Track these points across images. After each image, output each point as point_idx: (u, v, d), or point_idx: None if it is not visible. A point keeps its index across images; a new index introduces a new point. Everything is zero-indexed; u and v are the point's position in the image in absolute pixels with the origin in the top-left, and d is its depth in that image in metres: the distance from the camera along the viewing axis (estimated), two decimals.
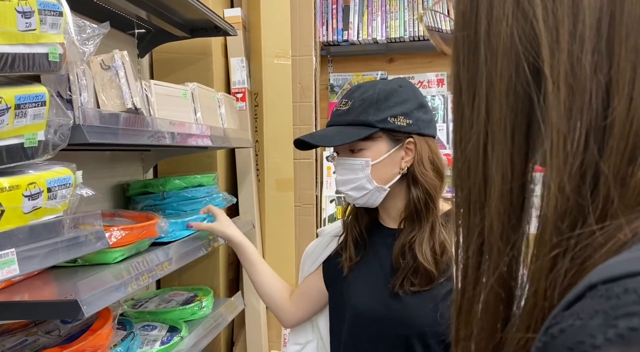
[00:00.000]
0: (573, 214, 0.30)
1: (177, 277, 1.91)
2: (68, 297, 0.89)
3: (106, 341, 1.08)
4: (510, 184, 0.32)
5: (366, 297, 1.08)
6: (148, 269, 1.20)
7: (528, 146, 0.32)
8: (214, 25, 1.75)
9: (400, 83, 1.09)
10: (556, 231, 0.30)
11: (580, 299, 0.25)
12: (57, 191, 0.81)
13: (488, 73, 0.33)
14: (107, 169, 1.59)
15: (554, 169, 0.30)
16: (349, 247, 1.14)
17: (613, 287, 0.24)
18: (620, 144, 0.29)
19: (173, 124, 1.29)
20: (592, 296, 0.25)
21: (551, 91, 0.30)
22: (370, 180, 1.05)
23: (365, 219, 1.15)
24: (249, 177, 2.14)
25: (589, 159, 0.30)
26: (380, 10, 2.61)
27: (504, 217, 0.33)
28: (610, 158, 0.29)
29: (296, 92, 2.30)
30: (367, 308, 1.07)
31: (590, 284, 0.25)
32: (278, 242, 2.18)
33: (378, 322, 1.05)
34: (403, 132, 1.05)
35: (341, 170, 1.08)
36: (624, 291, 0.23)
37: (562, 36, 0.30)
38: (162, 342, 1.36)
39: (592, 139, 0.30)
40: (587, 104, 0.30)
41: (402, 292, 1.02)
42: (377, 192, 1.06)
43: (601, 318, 0.23)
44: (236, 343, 2.18)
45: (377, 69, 2.74)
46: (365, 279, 1.11)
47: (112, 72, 1.07)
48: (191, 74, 1.89)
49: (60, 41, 0.80)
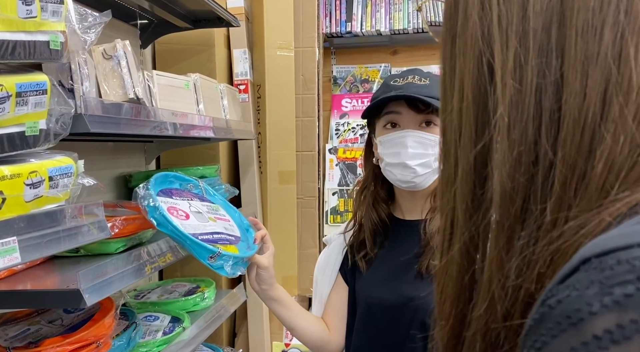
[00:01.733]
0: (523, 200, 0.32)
1: (180, 268, 1.92)
2: (70, 286, 0.89)
3: (108, 331, 1.09)
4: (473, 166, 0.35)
5: (382, 287, 1.08)
6: (150, 260, 1.20)
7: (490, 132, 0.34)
8: (217, 16, 1.74)
9: None
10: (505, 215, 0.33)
11: (575, 273, 0.26)
12: (59, 180, 0.81)
13: (460, 65, 0.36)
14: (109, 160, 1.59)
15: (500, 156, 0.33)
16: (367, 240, 1.11)
17: (606, 259, 0.25)
18: (575, 138, 0.31)
19: (175, 115, 1.29)
20: (586, 269, 0.26)
21: (499, 84, 0.33)
22: (436, 159, 1.04)
23: (385, 209, 1.13)
24: (251, 169, 2.13)
25: (541, 150, 0.32)
26: (383, 2, 2.59)
27: (467, 195, 0.36)
28: (564, 150, 0.31)
29: (299, 84, 2.29)
30: (383, 297, 1.06)
31: (583, 258, 0.26)
32: (280, 234, 2.18)
33: (392, 310, 1.05)
34: None
35: (413, 144, 1.03)
36: (617, 262, 0.24)
37: (510, 36, 0.33)
38: (165, 332, 1.37)
39: (543, 130, 0.32)
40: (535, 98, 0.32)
41: (427, 274, 1.02)
42: (433, 174, 1.05)
43: (597, 287, 0.24)
44: (238, 334, 2.19)
45: (380, 61, 2.72)
46: (380, 271, 1.10)
47: (114, 61, 1.07)
48: (194, 65, 1.89)
49: (61, 29, 0.80)
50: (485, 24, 0.34)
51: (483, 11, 0.35)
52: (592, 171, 0.31)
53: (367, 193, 1.15)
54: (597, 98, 0.31)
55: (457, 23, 0.36)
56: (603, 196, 0.30)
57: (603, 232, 0.29)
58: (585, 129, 0.31)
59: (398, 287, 1.06)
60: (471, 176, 0.35)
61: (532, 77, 0.32)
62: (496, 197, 0.33)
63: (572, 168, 0.31)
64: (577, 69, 0.31)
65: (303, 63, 2.30)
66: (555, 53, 0.32)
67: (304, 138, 2.32)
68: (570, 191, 0.31)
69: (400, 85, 1.05)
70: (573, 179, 0.31)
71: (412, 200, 1.11)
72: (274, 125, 2.18)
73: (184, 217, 1.11)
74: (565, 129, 0.31)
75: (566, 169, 0.31)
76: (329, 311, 1.20)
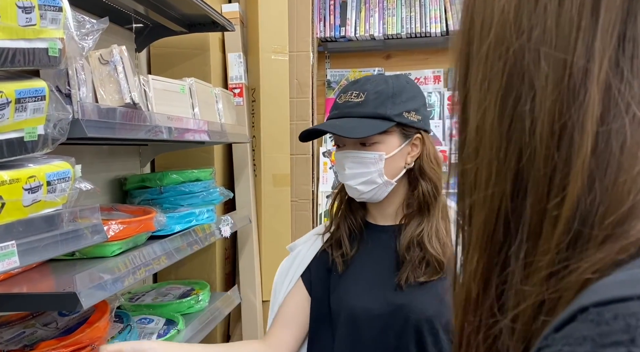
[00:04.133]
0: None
1: (174, 271, 1.93)
2: (67, 290, 0.90)
3: (103, 334, 1.09)
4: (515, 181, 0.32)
5: (365, 296, 1.05)
6: (145, 263, 1.21)
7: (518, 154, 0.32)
8: (212, 20, 1.75)
9: (406, 79, 1.10)
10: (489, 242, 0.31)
11: (572, 321, 0.25)
12: (57, 185, 0.82)
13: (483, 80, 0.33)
14: (105, 164, 1.60)
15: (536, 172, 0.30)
16: (343, 241, 1.11)
17: (603, 312, 0.24)
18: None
19: (171, 119, 1.30)
20: (582, 320, 0.25)
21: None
22: (382, 174, 1.04)
23: (361, 212, 1.13)
24: (246, 172, 2.15)
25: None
26: (377, 7, 2.61)
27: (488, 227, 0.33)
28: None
29: (293, 88, 2.31)
30: (368, 307, 1.04)
31: (582, 307, 0.25)
32: (274, 237, 2.19)
33: (381, 320, 1.02)
34: (414, 128, 1.06)
35: (350, 164, 1.05)
36: (614, 317, 0.24)
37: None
38: (159, 335, 1.37)
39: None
40: None
41: (407, 286, 1.02)
42: (385, 187, 1.06)
43: (589, 346, 0.23)
44: (232, 337, 2.19)
45: (374, 65, 2.75)
46: (360, 278, 1.07)
47: (110, 67, 1.08)
48: (189, 69, 1.90)
49: (60, 36, 0.81)
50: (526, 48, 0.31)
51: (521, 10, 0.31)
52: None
53: (342, 197, 1.15)
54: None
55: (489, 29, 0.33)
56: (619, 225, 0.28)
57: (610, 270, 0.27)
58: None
59: (383, 295, 1.04)
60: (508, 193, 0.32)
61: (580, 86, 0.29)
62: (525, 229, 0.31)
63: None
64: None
65: (297, 67, 2.32)
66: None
67: (298, 142, 2.31)
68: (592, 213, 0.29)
69: (339, 104, 1.07)
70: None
71: (379, 208, 1.11)
72: (268, 128, 2.20)
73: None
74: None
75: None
76: (277, 321, 1.12)
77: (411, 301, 1.01)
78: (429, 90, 2.69)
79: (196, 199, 1.54)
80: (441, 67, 2.70)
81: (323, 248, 1.15)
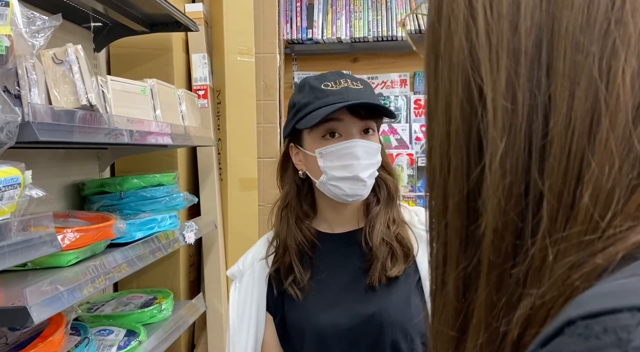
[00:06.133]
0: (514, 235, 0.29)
1: (136, 279, 1.86)
2: (16, 304, 0.84)
3: (58, 348, 1.04)
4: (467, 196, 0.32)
5: (330, 311, 0.98)
6: (105, 272, 1.16)
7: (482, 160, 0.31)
8: (175, 20, 1.70)
9: None
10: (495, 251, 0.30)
11: (559, 335, 0.24)
12: (4, 192, 0.77)
13: (444, 87, 0.33)
14: (60, 168, 1.53)
15: (492, 186, 0.30)
16: (295, 266, 1.00)
17: (592, 325, 0.23)
18: (561, 164, 0.28)
19: (131, 122, 1.25)
20: (570, 334, 0.23)
21: (490, 108, 0.30)
22: (379, 166, 1.00)
23: (310, 228, 1.03)
24: (211, 176, 2.10)
25: (532, 180, 0.29)
26: (344, 10, 2.61)
27: (460, 231, 0.32)
28: (551, 179, 0.28)
29: (260, 90, 2.27)
30: (336, 322, 0.97)
31: (569, 319, 0.24)
32: (241, 242, 2.15)
33: (350, 333, 0.96)
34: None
35: (363, 154, 0.95)
36: (603, 330, 0.22)
37: (501, 55, 0.30)
38: (119, 347, 1.32)
39: (533, 158, 0.29)
40: (527, 123, 0.29)
41: (379, 287, 0.97)
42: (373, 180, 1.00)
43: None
44: (197, 346, 2.14)
45: (341, 68, 2.74)
46: (322, 294, 1.00)
47: (65, 66, 1.02)
48: (150, 70, 1.84)
49: (6, 33, 0.76)
50: (471, 41, 0.31)
51: (468, 27, 0.31)
52: (579, 202, 0.28)
53: (288, 211, 1.04)
54: (584, 120, 0.28)
55: (441, 39, 0.33)
56: (592, 230, 0.27)
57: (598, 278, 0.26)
58: (572, 154, 0.28)
59: (351, 307, 0.97)
60: (463, 210, 0.32)
61: (524, 99, 0.29)
62: (488, 234, 0.30)
63: (559, 199, 0.28)
64: (564, 88, 0.28)
65: (264, 69, 2.29)
66: (545, 71, 0.29)
67: (266, 144, 2.30)
68: (559, 224, 0.28)
69: (338, 89, 0.97)
70: (560, 211, 0.28)
71: (345, 212, 1.03)
72: (234, 131, 2.16)
73: None
74: (552, 155, 0.28)
75: (554, 199, 0.28)
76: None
77: (381, 309, 0.96)
78: (395, 94, 2.71)
79: (158, 205, 1.49)
80: (408, 70, 2.72)
81: (271, 273, 1.04)
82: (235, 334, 1.05)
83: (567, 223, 0.28)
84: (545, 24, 0.29)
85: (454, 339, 0.33)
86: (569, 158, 0.28)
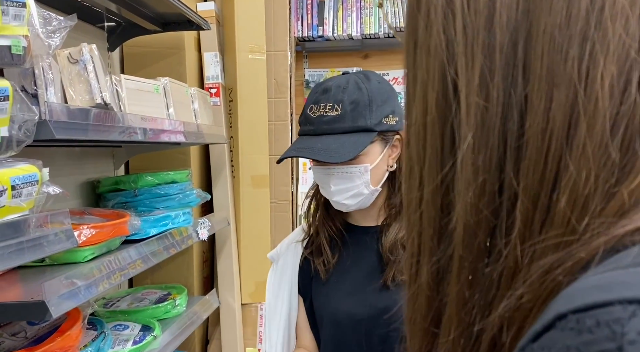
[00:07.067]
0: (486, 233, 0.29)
1: (150, 275, 1.88)
2: (35, 298, 0.86)
3: (75, 342, 1.06)
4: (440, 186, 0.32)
5: (348, 300, 1.03)
6: (120, 268, 1.18)
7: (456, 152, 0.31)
8: (187, 19, 1.72)
9: (377, 79, 1.05)
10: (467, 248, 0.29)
11: (550, 329, 0.23)
12: (22, 189, 0.79)
13: (422, 77, 0.32)
14: (76, 166, 1.55)
15: (464, 183, 0.30)
16: (323, 249, 1.07)
17: (584, 318, 0.22)
18: (537, 166, 0.28)
19: (145, 120, 1.27)
20: (562, 328, 0.23)
21: (464, 104, 0.30)
22: (368, 185, 1.00)
23: (340, 217, 1.09)
24: (224, 173, 2.11)
25: (506, 179, 0.29)
26: (355, 7, 2.61)
27: (434, 220, 0.32)
28: (527, 180, 0.28)
29: (271, 88, 2.28)
30: (352, 311, 1.02)
31: (559, 314, 0.23)
32: (254, 239, 2.16)
33: (364, 324, 1.00)
34: (393, 131, 1.02)
35: (336, 180, 1.00)
36: (596, 323, 0.22)
37: (476, 50, 0.30)
38: (135, 341, 1.34)
39: (508, 158, 0.29)
40: (501, 121, 0.29)
41: (393, 285, 1.00)
42: (371, 195, 1.02)
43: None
44: (211, 341, 2.16)
45: (352, 65, 2.74)
46: (343, 282, 1.05)
47: (80, 66, 1.04)
48: (163, 68, 1.86)
49: (24, 33, 0.77)
50: (449, 33, 0.31)
51: (446, 19, 0.31)
52: (556, 206, 0.27)
53: (319, 200, 1.10)
54: (562, 123, 0.28)
55: (419, 28, 0.32)
56: (569, 233, 0.27)
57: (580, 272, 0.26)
58: (549, 157, 0.28)
59: (366, 299, 1.02)
60: (437, 201, 0.32)
61: (499, 97, 0.29)
62: (459, 229, 0.30)
63: (535, 200, 0.28)
64: (541, 90, 0.28)
65: (275, 66, 2.30)
66: (522, 71, 0.29)
67: (277, 142, 2.31)
68: (535, 226, 0.28)
69: (314, 118, 1.00)
70: (536, 213, 0.28)
71: (361, 211, 1.07)
72: (246, 129, 2.17)
73: None
74: (528, 156, 0.28)
75: (528, 201, 0.28)
76: (307, 334, 1.12)
77: (395, 304, 0.99)
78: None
79: (172, 202, 1.51)
80: None
81: (304, 256, 1.12)
82: (271, 314, 1.12)
83: (543, 226, 0.28)
84: (522, 23, 0.29)
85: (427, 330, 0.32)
86: (546, 161, 0.28)
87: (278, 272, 1.14)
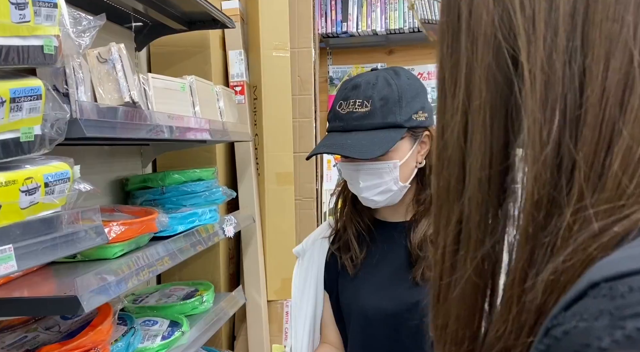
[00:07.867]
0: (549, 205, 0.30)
1: (178, 271, 1.91)
2: (68, 293, 0.88)
3: (107, 337, 1.08)
4: (489, 172, 0.32)
5: (377, 295, 1.03)
6: (148, 264, 1.19)
7: (507, 134, 0.32)
8: (212, 17, 1.73)
9: (406, 75, 1.04)
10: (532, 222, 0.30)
11: (582, 298, 0.24)
12: (55, 186, 0.80)
13: (468, 60, 0.33)
14: (105, 164, 1.58)
15: (530, 158, 0.30)
16: (351, 244, 1.07)
17: (617, 285, 0.23)
18: (594, 134, 0.28)
19: (171, 118, 1.28)
20: (594, 295, 0.24)
21: (528, 79, 0.30)
22: (397, 181, 1.00)
23: (368, 213, 1.09)
24: (249, 171, 2.13)
25: (565, 150, 0.29)
26: (379, 2, 2.58)
27: (482, 207, 0.32)
28: (584, 148, 0.29)
29: (295, 85, 2.28)
30: (382, 306, 1.02)
31: (592, 282, 0.24)
32: (279, 236, 2.17)
33: (394, 319, 1.00)
34: (423, 127, 1.02)
35: (365, 176, 1.01)
36: (629, 289, 0.23)
37: (538, 25, 0.30)
38: (163, 337, 1.36)
39: (567, 129, 0.29)
40: (562, 93, 0.30)
41: (423, 281, 0.99)
42: (400, 191, 1.02)
43: (607, 319, 0.22)
44: (237, 337, 2.18)
45: (376, 60, 2.72)
46: (372, 278, 1.05)
47: (109, 65, 1.06)
48: (189, 67, 1.88)
49: (55, 33, 0.79)
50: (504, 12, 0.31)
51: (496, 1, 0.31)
52: (609, 170, 0.28)
53: (346, 195, 1.10)
54: (617, 89, 0.28)
55: (461, 15, 0.33)
56: (618, 197, 0.28)
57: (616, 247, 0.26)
58: (604, 123, 0.28)
59: (397, 294, 1.02)
60: (487, 185, 0.32)
61: (562, 70, 0.29)
62: (527, 206, 0.30)
63: (591, 166, 0.28)
64: (599, 58, 0.29)
65: (299, 64, 2.30)
66: (580, 41, 0.29)
67: (301, 139, 2.31)
68: (589, 191, 0.28)
69: (343, 114, 1.00)
70: (590, 178, 0.28)
71: (390, 207, 1.07)
72: (270, 126, 2.18)
73: None
74: (586, 124, 0.29)
75: (587, 167, 0.29)
76: (332, 330, 1.13)
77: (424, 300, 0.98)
78: (432, 86, 2.66)
79: (199, 199, 1.52)
80: None
81: (331, 251, 1.12)
82: (297, 309, 1.14)
83: (596, 190, 0.28)
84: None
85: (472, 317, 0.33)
86: (601, 127, 0.28)
87: (304, 267, 1.15)
